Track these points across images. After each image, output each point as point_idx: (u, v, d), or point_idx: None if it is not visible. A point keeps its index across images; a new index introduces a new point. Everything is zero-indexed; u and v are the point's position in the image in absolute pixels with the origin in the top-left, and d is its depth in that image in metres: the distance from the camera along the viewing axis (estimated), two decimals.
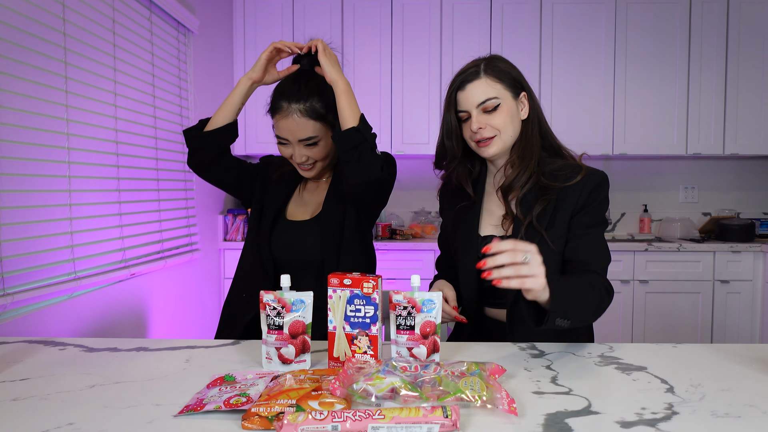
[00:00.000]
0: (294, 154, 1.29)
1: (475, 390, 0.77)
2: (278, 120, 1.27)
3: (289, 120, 1.25)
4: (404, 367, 0.84)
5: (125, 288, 2.10)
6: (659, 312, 3.07)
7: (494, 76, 1.17)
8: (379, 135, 3.31)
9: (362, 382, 0.78)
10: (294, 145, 1.28)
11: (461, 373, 0.83)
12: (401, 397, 0.76)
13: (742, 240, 3.11)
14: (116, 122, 2.05)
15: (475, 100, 1.17)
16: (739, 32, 3.20)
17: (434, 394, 0.77)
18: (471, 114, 1.17)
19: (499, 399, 0.75)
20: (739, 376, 0.91)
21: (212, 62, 3.01)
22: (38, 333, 1.61)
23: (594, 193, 1.16)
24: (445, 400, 0.76)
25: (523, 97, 1.21)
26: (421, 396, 0.76)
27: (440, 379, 0.81)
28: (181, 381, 0.90)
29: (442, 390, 0.78)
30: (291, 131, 1.26)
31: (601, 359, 1.00)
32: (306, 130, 1.26)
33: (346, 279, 0.94)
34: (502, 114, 1.17)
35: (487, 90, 1.16)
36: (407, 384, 0.78)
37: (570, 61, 3.24)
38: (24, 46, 1.55)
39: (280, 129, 1.28)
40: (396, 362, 0.86)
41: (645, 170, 3.60)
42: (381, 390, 0.77)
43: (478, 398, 0.76)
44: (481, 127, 1.16)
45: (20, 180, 1.55)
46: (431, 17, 3.26)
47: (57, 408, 0.78)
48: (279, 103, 1.26)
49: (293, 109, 1.25)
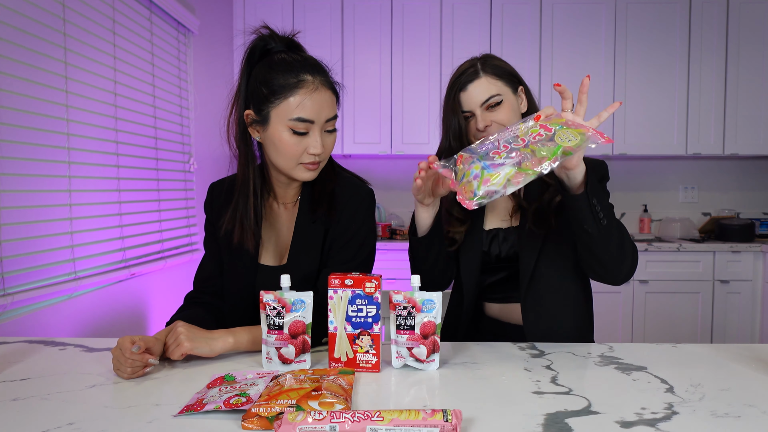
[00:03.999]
0: (312, 145, 1.06)
1: (574, 139, 0.86)
2: (303, 96, 1.03)
3: (317, 94, 1.04)
4: (496, 152, 0.89)
5: (125, 288, 2.10)
6: (659, 312, 3.07)
7: (493, 73, 1.19)
8: (379, 135, 3.31)
9: (481, 187, 0.86)
10: (317, 129, 1.06)
11: (546, 132, 0.89)
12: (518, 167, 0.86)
13: (742, 240, 3.11)
14: (116, 122, 2.05)
15: (478, 99, 1.18)
16: (739, 32, 3.20)
17: (542, 157, 0.85)
18: (475, 113, 1.19)
19: (592, 136, 0.86)
20: (739, 376, 0.91)
21: (212, 62, 3.01)
22: (38, 333, 1.61)
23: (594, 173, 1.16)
24: (555, 155, 0.85)
25: (521, 91, 1.24)
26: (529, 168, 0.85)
27: (534, 149, 0.87)
28: (181, 381, 0.90)
29: (545, 153, 0.85)
30: (321, 107, 1.04)
31: (601, 359, 1.00)
32: (333, 105, 1.08)
33: (347, 279, 0.94)
34: (506, 109, 1.18)
35: (489, 88, 1.18)
36: (518, 167, 0.86)
37: (570, 61, 3.24)
38: (24, 46, 1.55)
39: (304, 108, 1.03)
40: (485, 148, 0.91)
41: (645, 170, 3.60)
42: (500, 184, 0.85)
43: (581, 141, 0.86)
44: (487, 125, 1.17)
45: (20, 180, 1.55)
46: (431, 17, 3.26)
47: (57, 408, 0.78)
48: (298, 77, 1.04)
49: (319, 83, 1.05)
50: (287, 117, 1.04)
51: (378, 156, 3.43)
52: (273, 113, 1.05)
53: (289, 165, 1.08)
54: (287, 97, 1.03)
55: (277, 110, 1.04)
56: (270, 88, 1.04)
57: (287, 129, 1.04)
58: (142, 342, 0.92)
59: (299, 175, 1.10)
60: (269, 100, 1.05)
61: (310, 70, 1.05)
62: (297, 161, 1.08)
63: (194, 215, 2.76)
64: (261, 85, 1.05)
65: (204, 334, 0.99)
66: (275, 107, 1.04)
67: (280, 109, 1.04)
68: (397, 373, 0.94)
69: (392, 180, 3.66)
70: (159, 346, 0.97)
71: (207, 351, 0.98)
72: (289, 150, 1.06)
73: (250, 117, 1.09)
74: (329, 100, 1.07)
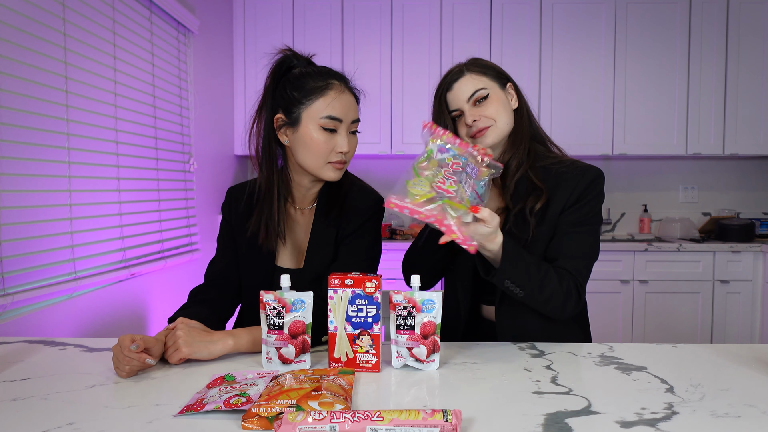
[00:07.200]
0: (340, 143, 1.14)
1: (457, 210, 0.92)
2: (332, 98, 1.13)
3: (344, 96, 1.15)
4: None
5: (125, 288, 2.10)
6: (659, 312, 3.07)
7: (478, 71, 1.20)
8: (379, 135, 3.31)
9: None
10: (344, 129, 1.15)
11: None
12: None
13: (741, 240, 3.11)
14: (116, 122, 2.05)
15: (463, 95, 1.18)
16: (739, 32, 3.20)
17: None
18: (463, 110, 1.19)
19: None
20: (739, 376, 0.91)
21: (212, 62, 3.01)
22: (38, 333, 1.61)
23: (588, 188, 1.16)
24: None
25: (510, 88, 1.23)
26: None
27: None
28: (181, 381, 0.90)
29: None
30: (348, 108, 1.15)
31: (601, 359, 1.00)
32: (356, 109, 1.18)
33: (347, 279, 0.94)
34: (493, 103, 1.18)
35: (474, 83, 1.19)
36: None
37: (570, 61, 3.24)
38: (24, 46, 1.55)
39: (334, 108, 1.13)
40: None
41: (645, 170, 3.60)
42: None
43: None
44: (475, 119, 1.17)
45: (20, 180, 1.55)
46: (431, 17, 3.26)
47: (57, 408, 0.78)
48: (327, 81, 1.14)
49: (346, 87, 1.16)
50: (319, 116, 1.12)
51: (378, 156, 3.43)
52: (304, 114, 1.13)
53: (318, 164, 1.15)
54: (318, 98, 1.13)
55: (309, 111, 1.13)
56: (301, 92, 1.13)
57: (318, 127, 1.13)
58: (142, 341, 0.92)
59: (327, 174, 1.16)
60: (301, 102, 1.13)
61: (336, 77, 1.16)
62: (326, 160, 1.15)
63: (194, 215, 2.76)
64: (292, 90, 1.14)
65: (203, 337, 1.00)
66: (306, 108, 1.13)
67: (311, 110, 1.13)
68: (397, 373, 0.94)
69: (392, 180, 3.65)
70: (159, 347, 0.98)
71: (206, 354, 0.99)
72: (319, 148, 1.13)
73: (280, 120, 1.17)
74: (353, 103, 1.17)
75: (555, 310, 1.10)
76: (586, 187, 1.16)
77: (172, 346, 0.98)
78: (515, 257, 1.03)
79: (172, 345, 0.98)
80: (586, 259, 1.15)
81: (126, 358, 0.90)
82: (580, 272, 1.13)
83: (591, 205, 1.17)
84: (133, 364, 0.91)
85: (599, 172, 1.19)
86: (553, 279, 1.08)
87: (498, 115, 1.17)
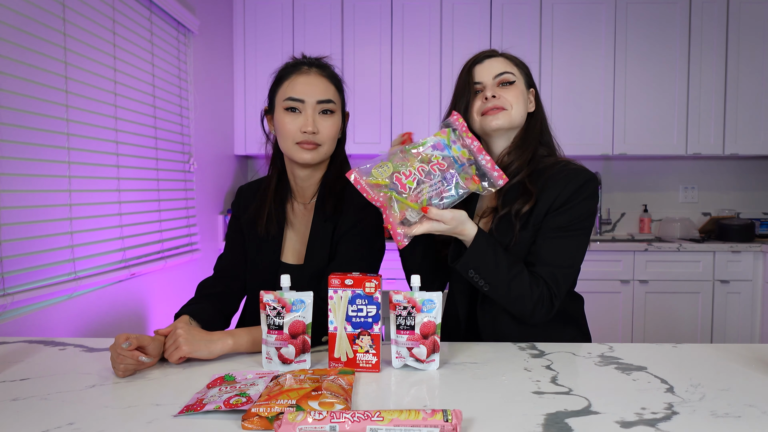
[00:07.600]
0: (305, 123, 1.15)
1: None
2: (294, 79, 1.17)
3: (309, 77, 1.17)
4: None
5: (125, 288, 2.10)
6: (659, 312, 3.07)
7: (511, 59, 1.24)
8: (379, 135, 3.31)
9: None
10: (308, 109, 1.16)
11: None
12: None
13: (742, 240, 3.11)
14: (116, 122, 2.05)
15: (492, 71, 1.19)
16: (739, 32, 3.20)
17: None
18: (486, 85, 1.19)
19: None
20: (739, 376, 0.91)
21: (212, 62, 3.01)
22: (38, 333, 1.61)
23: (577, 192, 1.11)
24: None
25: (531, 93, 1.24)
26: None
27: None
28: (180, 381, 0.90)
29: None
30: (311, 88, 1.16)
31: (601, 359, 1.00)
32: (327, 91, 1.18)
33: (347, 279, 0.94)
34: (516, 91, 1.19)
35: (506, 65, 1.21)
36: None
37: (570, 61, 3.24)
38: (24, 46, 1.55)
39: (294, 89, 1.16)
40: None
41: (645, 170, 3.60)
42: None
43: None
44: (494, 95, 1.17)
45: (20, 180, 1.55)
46: (431, 17, 3.26)
47: (57, 408, 0.78)
48: (298, 67, 1.18)
49: (314, 70, 1.19)
50: (282, 98, 1.18)
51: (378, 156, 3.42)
52: (276, 100, 1.20)
53: (289, 146, 1.18)
54: (283, 82, 1.18)
55: (278, 96, 1.19)
56: (274, 81, 1.21)
57: (282, 110, 1.18)
58: (135, 339, 0.93)
59: (299, 156, 1.18)
60: (274, 90, 1.21)
61: (308, 63, 1.20)
62: (293, 140, 1.17)
63: (194, 215, 2.76)
64: (271, 83, 1.22)
65: (203, 336, 1.00)
66: (277, 94, 1.19)
67: (279, 95, 1.19)
68: (397, 373, 0.94)
69: None
70: (156, 344, 0.98)
71: (206, 354, 0.99)
72: (284, 129, 1.17)
73: (265, 110, 1.26)
74: (321, 84, 1.18)
75: (523, 313, 1.09)
76: (574, 190, 1.11)
77: (172, 345, 0.98)
78: (486, 250, 1.04)
79: (172, 344, 0.98)
80: (564, 268, 1.11)
81: (119, 356, 0.91)
82: (556, 282, 1.09)
83: (578, 210, 1.11)
84: (126, 362, 0.91)
85: (591, 175, 1.13)
86: (524, 282, 1.06)
87: (516, 103, 1.18)
